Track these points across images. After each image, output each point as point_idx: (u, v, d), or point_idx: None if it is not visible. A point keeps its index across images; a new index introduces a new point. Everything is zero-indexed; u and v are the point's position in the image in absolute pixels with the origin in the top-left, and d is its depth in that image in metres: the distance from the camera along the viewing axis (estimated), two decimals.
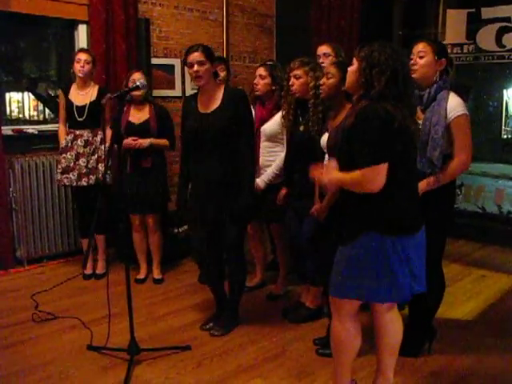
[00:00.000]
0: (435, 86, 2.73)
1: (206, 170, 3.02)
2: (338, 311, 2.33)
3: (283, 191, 3.45)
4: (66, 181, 4.03)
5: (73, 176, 4.00)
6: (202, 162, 3.03)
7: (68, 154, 4.01)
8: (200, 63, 2.90)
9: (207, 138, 2.97)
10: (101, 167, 4.00)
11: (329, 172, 2.24)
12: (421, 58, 2.75)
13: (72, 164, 4.00)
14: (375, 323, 2.40)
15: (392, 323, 2.39)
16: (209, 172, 3.01)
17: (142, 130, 3.86)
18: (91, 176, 3.99)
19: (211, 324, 3.29)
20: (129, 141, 3.78)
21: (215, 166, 2.99)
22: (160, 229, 4.11)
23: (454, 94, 2.75)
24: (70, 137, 4.03)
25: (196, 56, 2.90)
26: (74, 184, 4.01)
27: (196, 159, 3.07)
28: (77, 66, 3.96)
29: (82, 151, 4.00)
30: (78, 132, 4.02)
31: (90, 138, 4.03)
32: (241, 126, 2.97)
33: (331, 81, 2.84)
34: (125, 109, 3.89)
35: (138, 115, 3.92)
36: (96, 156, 4.02)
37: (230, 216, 3.03)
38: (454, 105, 2.70)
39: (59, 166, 4.05)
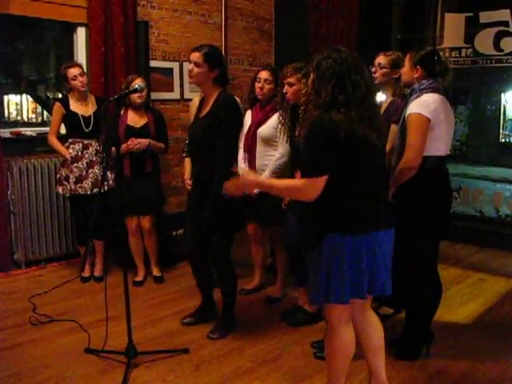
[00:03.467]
0: (410, 89, 2.84)
1: (194, 173, 3.10)
2: (330, 318, 2.33)
3: None
4: (80, 190, 4.00)
5: (86, 184, 3.99)
6: (194, 166, 3.12)
7: (79, 163, 4.00)
8: (196, 64, 2.94)
9: (194, 142, 3.05)
10: (110, 174, 4.05)
11: (248, 175, 2.46)
12: (403, 66, 2.91)
13: (85, 173, 4.00)
14: (355, 328, 2.41)
15: (369, 324, 2.41)
16: (195, 175, 3.07)
17: (142, 134, 3.88)
18: (105, 183, 4.00)
19: (190, 318, 3.37)
20: (128, 142, 3.80)
21: (199, 171, 3.04)
22: (156, 232, 4.12)
23: (430, 95, 2.73)
24: (78, 146, 4.01)
25: (195, 56, 2.94)
26: (89, 192, 4.00)
27: (192, 163, 3.16)
28: (77, 84, 3.94)
29: (94, 159, 4.02)
30: (86, 141, 4.02)
31: (98, 147, 4.05)
32: (219, 131, 2.91)
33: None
34: (122, 112, 3.90)
35: (136, 119, 3.93)
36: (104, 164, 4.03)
37: (208, 226, 3.01)
38: (413, 104, 2.71)
39: (71, 176, 3.99)
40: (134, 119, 3.93)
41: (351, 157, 2.14)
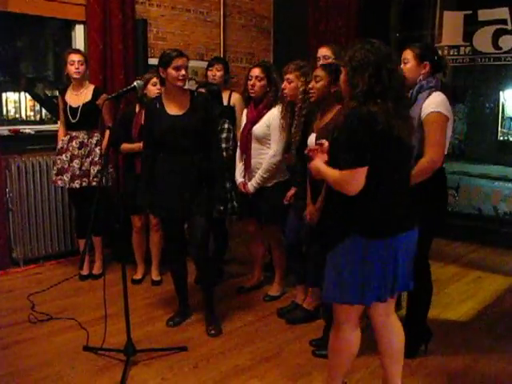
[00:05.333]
0: (417, 86, 2.77)
1: (175, 168, 3.11)
2: (338, 319, 2.30)
3: (292, 191, 3.43)
4: (60, 182, 4.03)
5: (66, 178, 3.99)
6: (173, 162, 3.13)
7: (63, 155, 4.01)
8: (186, 68, 3.10)
9: (180, 137, 3.09)
10: (93, 170, 3.99)
11: (318, 159, 2.28)
12: (405, 63, 2.82)
13: (66, 165, 3.99)
14: (376, 331, 2.38)
15: (391, 328, 2.37)
16: (179, 170, 3.11)
17: None
18: (84, 178, 3.97)
19: (178, 319, 3.38)
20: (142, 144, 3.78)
21: (186, 165, 3.10)
22: (161, 229, 4.10)
23: (439, 93, 2.75)
24: (66, 138, 4.03)
25: (185, 61, 3.10)
26: (67, 186, 4.02)
27: (166, 159, 3.16)
28: (71, 69, 3.92)
29: (76, 153, 4.00)
30: (74, 133, 4.02)
31: (86, 140, 4.02)
32: (209, 126, 3.16)
33: (319, 84, 2.86)
34: (137, 111, 3.90)
35: None
36: (90, 159, 4.01)
37: (200, 212, 3.12)
38: (430, 103, 2.70)
39: (55, 167, 4.07)
40: None
41: (384, 153, 2.08)
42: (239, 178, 3.71)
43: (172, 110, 3.14)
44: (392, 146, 2.09)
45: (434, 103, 2.69)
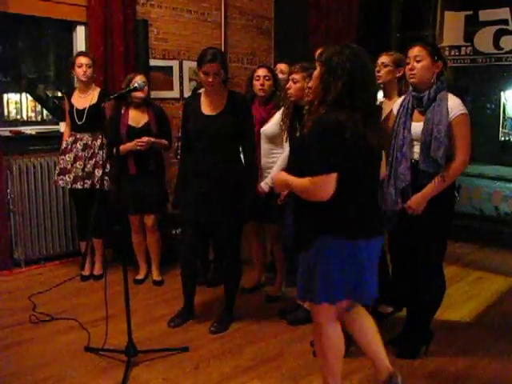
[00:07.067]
0: (434, 87, 2.75)
1: (208, 169, 3.11)
2: (318, 317, 2.33)
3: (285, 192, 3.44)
4: (61, 182, 4.04)
5: (68, 178, 4.00)
6: (205, 163, 3.12)
7: (67, 155, 4.02)
8: (216, 75, 3.03)
9: (213, 138, 3.09)
10: (97, 173, 4.00)
11: (282, 172, 2.36)
12: (418, 62, 2.76)
13: (69, 166, 4.00)
14: (346, 323, 2.41)
15: (357, 315, 2.40)
16: (211, 171, 3.10)
17: (143, 133, 3.83)
18: (86, 180, 3.97)
19: (179, 320, 3.38)
20: (138, 141, 3.78)
21: (218, 166, 3.09)
22: (159, 229, 4.11)
23: (452, 94, 2.78)
24: (70, 139, 4.04)
25: (214, 67, 3.01)
26: (69, 186, 4.03)
27: (199, 159, 3.16)
28: (79, 71, 3.95)
29: (80, 154, 4.00)
30: (78, 135, 4.03)
31: (90, 142, 4.03)
32: (244, 129, 3.11)
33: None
34: (122, 112, 3.89)
35: (137, 118, 3.89)
36: (93, 161, 4.01)
37: (231, 215, 3.10)
38: (455, 104, 2.73)
39: (57, 167, 4.07)
40: (136, 118, 3.89)
41: (354, 159, 2.10)
42: None
43: (207, 109, 3.13)
44: (361, 153, 2.11)
45: (459, 104, 2.73)
